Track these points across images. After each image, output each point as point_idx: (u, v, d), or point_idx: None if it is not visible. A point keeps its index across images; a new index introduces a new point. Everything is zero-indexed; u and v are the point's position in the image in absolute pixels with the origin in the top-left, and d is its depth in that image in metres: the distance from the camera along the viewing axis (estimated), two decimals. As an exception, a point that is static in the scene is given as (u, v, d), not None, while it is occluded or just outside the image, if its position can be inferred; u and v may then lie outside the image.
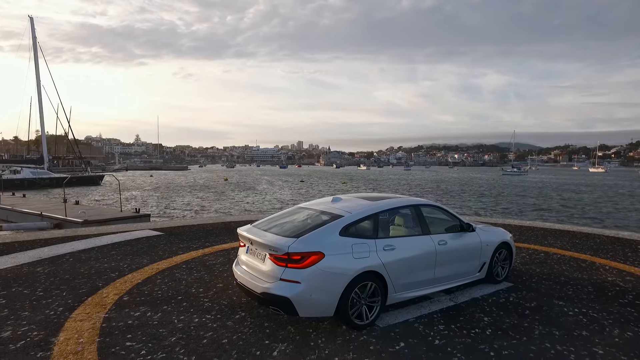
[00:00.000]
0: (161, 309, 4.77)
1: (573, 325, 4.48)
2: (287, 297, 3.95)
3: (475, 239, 5.54)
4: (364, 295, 4.30)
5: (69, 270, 6.36)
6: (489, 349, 3.93)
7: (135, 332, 4.15)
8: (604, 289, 5.76)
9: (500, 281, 5.90)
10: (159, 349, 3.79)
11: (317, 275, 4.00)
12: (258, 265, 4.37)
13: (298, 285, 3.96)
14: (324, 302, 4.07)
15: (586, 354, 3.85)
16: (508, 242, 6.01)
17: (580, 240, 9.28)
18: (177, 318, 4.52)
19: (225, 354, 3.71)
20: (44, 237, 9.05)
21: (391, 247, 4.55)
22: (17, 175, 41.51)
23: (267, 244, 4.20)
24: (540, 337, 4.19)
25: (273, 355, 3.71)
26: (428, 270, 4.91)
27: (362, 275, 4.23)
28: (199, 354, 3.72)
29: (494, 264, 5.80)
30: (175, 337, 4.04)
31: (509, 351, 3.88)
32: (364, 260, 4.28)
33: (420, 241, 4.91)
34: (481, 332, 4.28)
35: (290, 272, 4.01)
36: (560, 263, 7.15)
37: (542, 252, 7.96)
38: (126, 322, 4.39)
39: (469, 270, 5.47)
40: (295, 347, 3.89)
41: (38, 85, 45.95)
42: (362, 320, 4.29)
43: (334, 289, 4.08)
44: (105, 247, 7.98)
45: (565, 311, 4.90)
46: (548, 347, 3.97)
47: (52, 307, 4.79)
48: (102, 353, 3.70)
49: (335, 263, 4.11)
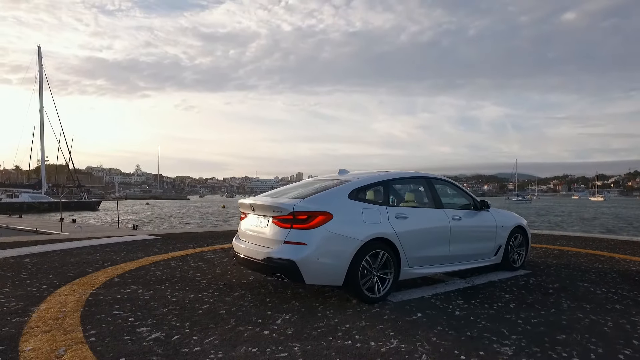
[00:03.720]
0: (154, 288, 4.39)
1: (604, 301, 4.09)
2: (293, 260, 3.58)
3: (490, 218, 5.22)
4: (376, 266, 3.94)
5: (57, 260, 5.98)
6: (515, 317, 3.54)
7: (124, 304, 3.77)
8: (629, 275, 5.37)
9: (517, 268, 5.52)
10: (149, 317, 3.41)
11: (325, 236, 3.66)
12: (260, 232, 4.02)
13: (304, 248, 3.61)
14: (332, 267, 3.70)
15: (625, 322, 3.47)
16: (523, 226, 5.67)
17: (594, 242, 8.89)
18: (170, 294, 4.14)
19: (222, 322, 3.32)
20: (36, 239, 8.67)
21: (404, 215, 4.23)
22: (16, 199, 41.11)
23: (271, 205, 3.88)
24: (570, 309, 3.80)
25: (276, 323, 3.32)
26: (442, 246, 4.56)
27: (373, 242, 3.89)
28: (193, 321, 3.33)
29: (509, 250, 5.44)
30: (168, 309, 3.65)
31: (538, 320, 3.49)
32: (375, 225, 3.95)
33: (433, 213, 4.59)
34: (504, 306, 3.89)
35: (296, 233, 3.67)
36: (578, 257, 6.76)
37: (556, 250, 7.58)
38: (115, 297, 4.00)
39: (485, 252, 5.11)
40: (300, 316, 3.50)
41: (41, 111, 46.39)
42: (373, 293, 3.91)
43: (343, 254, 3.72)
44: (99, 246, 7.59)
45: (592, 290, 4.51)
46: (581, 317, 3.59)
47: (36, 285, 4.40)
48: (86, 319, 3.31)
49: (345, 225, 3.78)
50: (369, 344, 2.90)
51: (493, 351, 2.80)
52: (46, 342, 2.81)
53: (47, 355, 2.61)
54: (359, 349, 2.80)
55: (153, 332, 3.06)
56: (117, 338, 2.93)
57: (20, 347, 2.74)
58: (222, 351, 2.74)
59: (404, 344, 2.90)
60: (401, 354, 2.73)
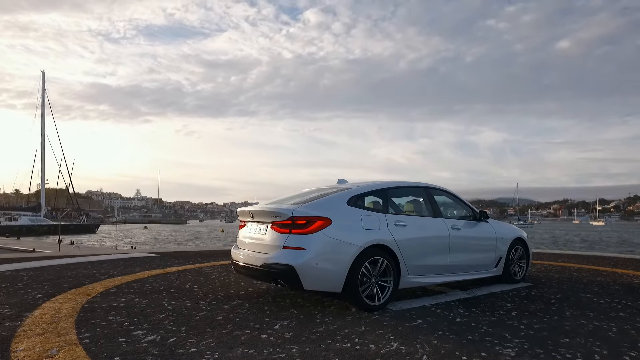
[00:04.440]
0: (151, 297, 4.33)
1: (608, 310, 4.03)
2: (291, 265, 3.55)
3: (490, 229, 5.20)
4: (375, 273, 3.89)
5: (54, 273, 5.91)
6: (517, 323, 3.48)
7: (120, 311, 3.71)
8: (633, 287, 5.30)
9: (518, 281, 5.45)
10: (145, 322, 3.35)
11: (323, 241, 3.64)
12: (259, 239, 4.00)
13: (303, 252, 3.59)
14: (331, 273, 3.66)
15: (629, 327, 3.41)
16: (523, 238, 5.64)
17: (596, 259, 8.80)
18: (167, 303, 4.08)
19: (219, 327, 3.27)
20: (32, 256, 8.60)
21: (403, 223, 4.21)
22: (15, 222, 40.92)
23: (270, 211, 3.88)
24: (573, 317, 3.74)
25: (274, 328, 3.26)
26: (442, 256, 4.52)
27: (372, 249, 3.86)
28: (190, 326, 3.28)
29: (510, 262, 5.39)
30: (164, 315, 3.60)
31: (540, 325, 3.43)
32: (374, 232, 3.93)
33: (433, 222, 4.58)
34: (506, 314, 3.83)
35: (295, 238, 3.65)
36: (580, 271, 6.69)
37: (558, 266, 7.50)
38: (111, 304, 3.94)
39: (486, 263, 5.07)
40: (299, 322, 3.44)
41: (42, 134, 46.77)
42: (373, 301, 3.85)
43: (342, 259, 3.69)
44: (96, 262, 7.51)
45: (595, 300, 4.45)
46: (584, 323, 3.53)
47: (31, 295, 4.34)
48: (80, 324, 3.25)
49: (344, 231, 3.76)
50: (369, 346, 2.84)
51: (495, 352, 2.74)
52: (39, 344, 2.75)
53: (39, 355, 2.55)
54: (358, 351, 2.74)
55: (149, 335, 3.00)
56: (112, 340, 2.88)
57: (12, 347, 2.68)
58: (218, 352, 2.68)
59: (405, 346, 2.84)
60: (401, 354, 2.68)
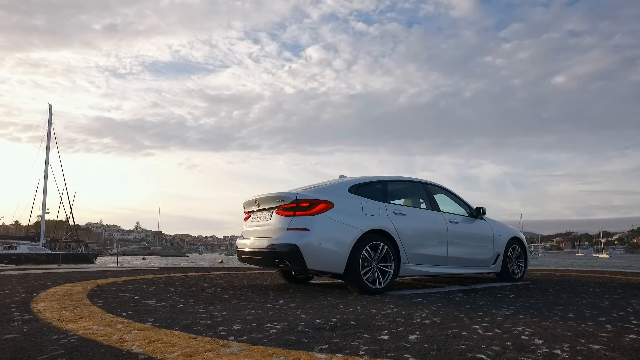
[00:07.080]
0: (157, 285, 4.45)
1: (602, 294, 4.13)
2: (296, 245, 3.70)
3: (487, 226, 5.35)
4: (376, 257, 4.04)
5: (59, 275, 6.02)
6: (514, 300, 3.60)
7: (129, 291, 3.84)
8: (629, 284, 5.39)
9: (517, 279, 5.55)
10: (154, 297, 3.48)
11: (326, 223, 3.81)
12: (264, 224, 4.17)
13: (307, 233, 3.75)
14: (334, 253, 3.81)
15: (621, 301, 3.52)
16: (520, 238, 5.78)
17: (596, 271, 8.86)
18: (174, 288, 4.20)
19: (225, 301, 3.39)
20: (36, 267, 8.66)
21: (402, 212, 4.39)
22: (14, 250, 40.66)
23: (275, 195, 4.07)
24: (569, 297, 3.85)
25: (279, 302, 3.38)
26: (440, 247, 4.67)
27: (372, 234, 4.02)
28: (197, 300, 3.40)
29: (509, 261, 5.51)
30: (172, 294, 3.72)
31: (536, 301, 3.55)
32: (374, 218, 4.11)
33: (431, 214, 4.75)
34: (504, 297, 3.93)
35: (299, 220, 3.83)
36: (579, 276, 6.77)
37: (557, 273, 7.57)
38: (120, 288, 4.07)
39: (484, 259, 5.19)
40: (302, 299, 3.56)
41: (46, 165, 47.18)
42: (374, 284, 3.97)
43: (344, 241, 3.84)
44: (100, 271, 7.61)
45: (591, 290, 4.55)
46: (578, 300, 3.64)
47: (42, 282, 4.46)
48: (93, 297, 3.39)
49: (345, 215, 3.94)
50: (370, 310, 2.96)
51: (491, 313, 2.87)
52: (56, 303, 2.89)
53: (58, 309, 2.69)
54: (360, 313, 2.86)
55: (159, 303, 3.13)
56: (124, 305, 3.01)
57: (31, 306, 2.82)
58: (226, 313, 2.81)
59: (405, 309, 2.97)
60: (402, 314, 2.80)
